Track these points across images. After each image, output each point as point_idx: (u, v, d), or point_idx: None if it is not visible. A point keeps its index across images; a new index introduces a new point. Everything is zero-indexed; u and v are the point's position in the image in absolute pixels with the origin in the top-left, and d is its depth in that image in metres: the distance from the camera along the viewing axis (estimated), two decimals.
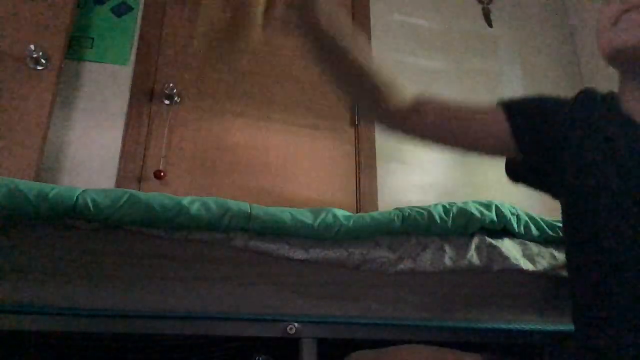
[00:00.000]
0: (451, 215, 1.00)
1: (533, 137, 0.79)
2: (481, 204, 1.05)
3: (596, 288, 0.68)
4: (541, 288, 1.03)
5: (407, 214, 0.99)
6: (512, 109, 0.82)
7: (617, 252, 0.65)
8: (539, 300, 1.03)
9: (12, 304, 0.81)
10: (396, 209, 1.03)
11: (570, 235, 0.76)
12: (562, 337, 0.98)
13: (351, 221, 0.95)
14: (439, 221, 0.99)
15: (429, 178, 2.34)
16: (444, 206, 1.03)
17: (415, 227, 0.98)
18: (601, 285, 0.67)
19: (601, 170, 0.69)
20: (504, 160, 0.88)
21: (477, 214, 1.01)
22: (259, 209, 0.92)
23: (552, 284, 1.03)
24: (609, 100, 0.77)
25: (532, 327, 0.99)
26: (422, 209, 1.01)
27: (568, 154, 0.75)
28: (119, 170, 1.93)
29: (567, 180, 0.74)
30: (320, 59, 0.80)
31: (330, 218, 0.94)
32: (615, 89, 0.79)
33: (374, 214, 0.99)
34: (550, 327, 0.99)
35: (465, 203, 1.04)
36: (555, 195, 0.82)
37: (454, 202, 1.05)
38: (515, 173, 0.87)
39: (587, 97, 0.80)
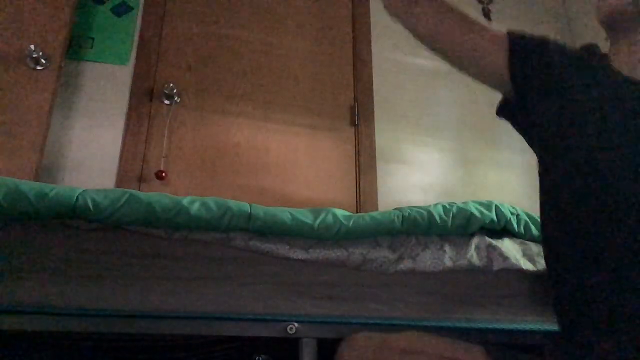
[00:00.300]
0: (451, 215, 1.00)
1: (528, 72, 0.80)
2: (481, 204, 1.05)
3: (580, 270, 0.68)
4: (541, 288, 1.03)
5: (407, 214, 0.99)
6: (517, 39, 0.83)
7: (604, 210, 0.65)
8: (539, 300, 1.03)
9: (12, 304, 0.81)
10: (396, 209, 1.03)
11: (546, 192, 0.76)
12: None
13: (351, 221, 0.95)
14: (439, 221, 0.99)
15: (429, 178, 2.34)
16: (444, 206, 1.03)
17: (415, 227, 0.98)
18: (583, 263, 0.67)
19: (596, 123, 0.69)
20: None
21: (477, 214, 1.01)
22: (259, 209, 0.92)
23: None
24: (605, 58, 0.80)
25: (532, 327, 0.99)
26: (422, 209, 1.01)
27: (561, 101, 0.75)
28: (119, 170, 1.93)
29: (553, 126, 0.74)
30: None
31: (330, 218, 0.94)
32: None
33: (374, 214, 0.99)
34: (550, 327, 0.99)
35: (465, 203, 1.04)
36: (531, 141, 0.82)
37: (454, 202, 1.05)
38: (503, 108, 0.87)
39: (591, 51, 0.82)
